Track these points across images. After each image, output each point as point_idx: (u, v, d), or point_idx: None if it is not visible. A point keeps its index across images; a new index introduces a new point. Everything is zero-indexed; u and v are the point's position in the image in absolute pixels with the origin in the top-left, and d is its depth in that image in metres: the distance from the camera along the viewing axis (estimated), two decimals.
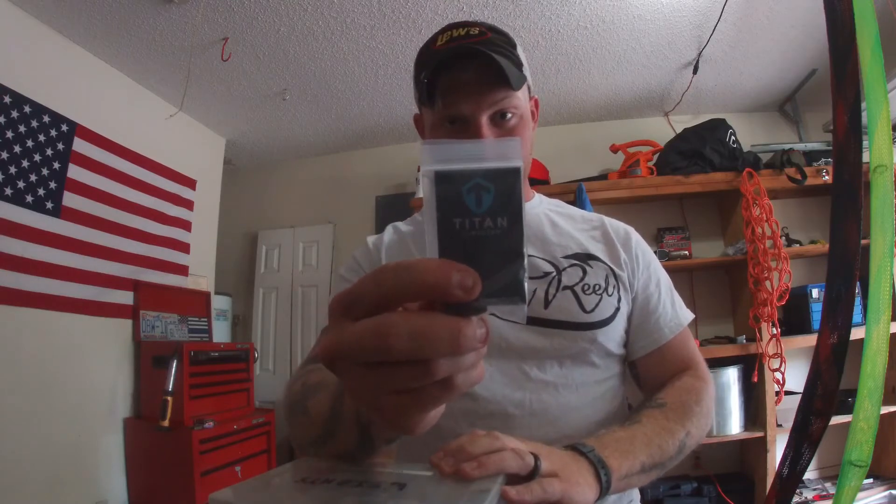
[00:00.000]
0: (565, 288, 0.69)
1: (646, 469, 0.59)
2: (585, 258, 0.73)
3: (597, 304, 0.69)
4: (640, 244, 0.78)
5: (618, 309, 0.71)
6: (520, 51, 0.71)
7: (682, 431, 0.64)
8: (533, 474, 0.46)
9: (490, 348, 0.65)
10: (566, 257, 0.73)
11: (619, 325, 0.71)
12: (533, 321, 0.67)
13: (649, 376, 0.75)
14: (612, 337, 0.70)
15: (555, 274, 0.70)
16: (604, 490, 0.53)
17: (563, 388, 0.66)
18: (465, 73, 0.65)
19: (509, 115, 0.68)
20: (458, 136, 0.68)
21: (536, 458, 0.47)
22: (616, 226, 0.79)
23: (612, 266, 0.73)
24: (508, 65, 0.65)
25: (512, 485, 0.44)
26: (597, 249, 0.74)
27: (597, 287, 0.70)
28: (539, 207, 0.81)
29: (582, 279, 0.70)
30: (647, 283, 0.76)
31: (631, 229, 0.80)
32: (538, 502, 0.44)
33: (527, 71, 0.72)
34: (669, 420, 0.65)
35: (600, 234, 0.78)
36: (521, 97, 0.70)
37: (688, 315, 0.77)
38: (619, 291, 0.72)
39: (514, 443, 0.47)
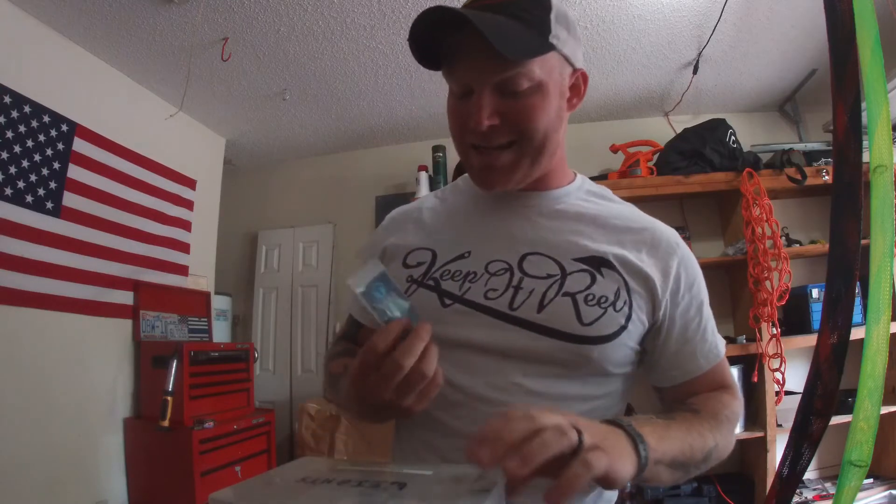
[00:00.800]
0: (566, 294, 0.62)
1: (675, 465, 0.55)
2: (599, 264, 0.65)
3: (598, 318, 0.62)
4: (686, 262, 0.69)
5: (624, 327, 0.63)
6: (555, 15, 0.63)
7: (712, 440, 0.60)
8: (577, 451, 0.44)
9: (475, 345, 0.64)
10: (577, 260, 0.65)
11: (624, 344, 0.64)
12: (523, 323, 0.62)
13: (676, 401, 0.70)
14: (612, 357, 0.63)
15: (558, 277, 0.64)
16: (642, 465, 0.49)
17: (537, 398, 0.61)
18: (466, 39, 0.59)
19: (522, 87, 0.61)
20: (464, 108, 0.64)
21: (580, 432, 0.45)
22: (660, 236, 0.69)
23: (627, 279, 0.64)
24: (513, 30, 0.58)
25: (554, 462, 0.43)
26: (617, 257, 0.65)
27: (602, 299, 0.62)
28: (571, 196, 0.73)
29: (588, 287, 0.63)
30: (688, 309, 0.67)
31: (678, 243, 0.70)
32: (584, 482, 0.43)
33: (560, 38, 0.63)
34: (703, 426, 0.61)
35: (633, 240, 0.68)
36: (537, 68, 0.61)
37: (722, 343, 0.71)
38: (629, 308, 0.63)
39: (552, 418, 0.45)
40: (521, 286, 0.64)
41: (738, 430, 2.36)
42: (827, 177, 2.43)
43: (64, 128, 2.17)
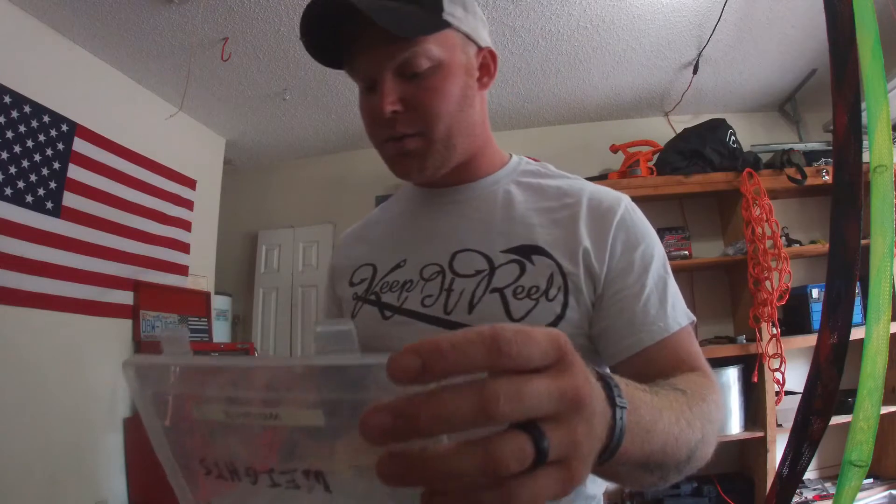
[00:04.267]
0: (494, 290, 0.60)
1: (649, 467, 0.40)
2: (529, 252, 0.61)
3: (529, 311, 0.58)
4: (626, 223, 0.62)
5: (560, 316, 0.58)
6: None
7: (699, 432, 0.45)
8: (538, 463, 0.24)
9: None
10: (505, 251, 0.62)
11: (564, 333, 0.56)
12: (458, 327, 0.58)
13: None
14: None
15: (486, 272, 0.61)
16: (613, 445, 0.32)
17: None
18: (360, 29, 0.59)
19: (422, 66, 0.59)
20: (372, 102, 0.62)
21: (538, 436, 0.24)
22: (597, 204, 0.63)
23: (561, 262, 0.60)
24: (402, 11, 0.57)
25: None
26: (548, 239, 0.61)
27: (533, 290, 0.59)
28: (502, 182, 0.70)
29: (517, 280, 0.60)
30: (626, 272, 0.60)
31: (620, 204, 0.63)
32: None
33: (456, 16, 0.62)
34: (692, 410, 0.46)
35: (567, 215, 0.63)
36: (434, 46, 0.60)
37: (681, 318, 0.60)
38: (564, 294, 0.59)
39: (521, 402, 0.24)
40: (453, 288, 0.62)
41: (738, 430, 2.36)
42: (827, 177, 2.43)
43: (64, 128, 2.17)
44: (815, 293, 2.41)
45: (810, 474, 2.55)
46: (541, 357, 0.25)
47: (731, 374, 2.38)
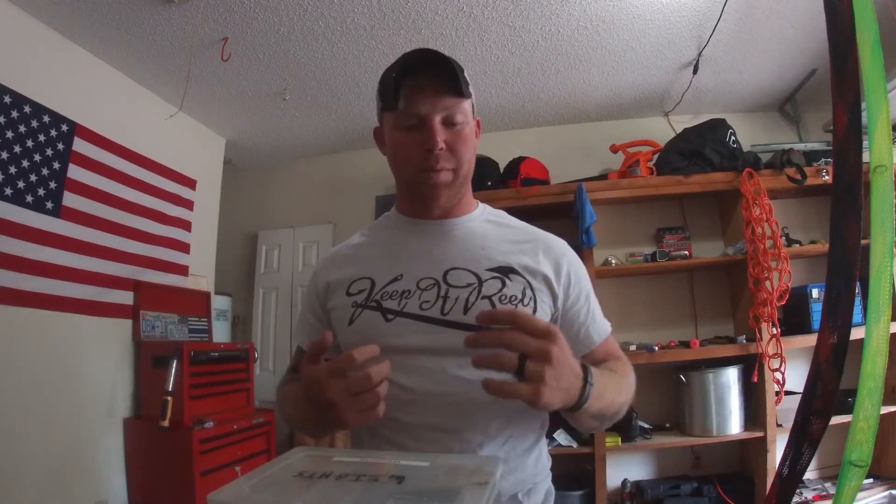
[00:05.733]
0: (484, 297, 0.78)
1: (596, 416, 0.70)
2: (506, 272, 0.82)
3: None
4: (573, 263, 0.87)
5: None
6: (466, 74, 0.82)
7: (625, 396, 0.76)
8: (518, 372, 0.58)
9: (417, 349, 0.77)
10: (489, 270, 0.81)
11: None
12: (453, 324, 0.75)
13: None
14: None
15: (476, 284, 0.80)
16: (576, 406, 0.64)
17: (473, 385, 0.70)
18: (424, 79, 0.77)
19: (459, 120, 0.79)
20: (414, 138, 0.78)
21: (522, 359, 0.58)
22: (550, 244, 0.87)
23: (530, 280, 0.81)
24: (460, 76, 0.77)
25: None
26: (519, 264, 0.82)
27: (513, 298, 0.79)
28: (476, 220, 0.89)
29: (500, 290, 0.79)
30: (578, 299, 0.85)
31: (565, 249, 0.88)
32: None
33: (471, 90, 0.82)
34: (621, 383, 0.76)
35: (530, 247, 0.85)
36: (467, 109, 0.80)
37: (607, 326, 0.88)
38: (534, 303, 0.80)
39: (523, 338, 0.59)
40: (448, 296, 0.79)
41: (738, 430, 2.37)
42: (827, 177, 2.43)
43: (64, 128, 2.17)
44: (815, 293, 2.41)
45: (810, 474, 2.55)
46: (536, 330, 0.60)
47: (731, 374, 2.38)
